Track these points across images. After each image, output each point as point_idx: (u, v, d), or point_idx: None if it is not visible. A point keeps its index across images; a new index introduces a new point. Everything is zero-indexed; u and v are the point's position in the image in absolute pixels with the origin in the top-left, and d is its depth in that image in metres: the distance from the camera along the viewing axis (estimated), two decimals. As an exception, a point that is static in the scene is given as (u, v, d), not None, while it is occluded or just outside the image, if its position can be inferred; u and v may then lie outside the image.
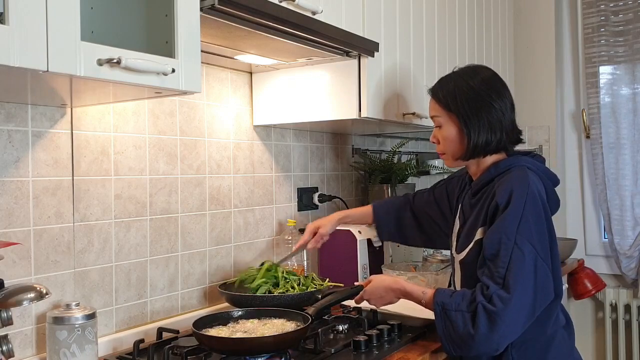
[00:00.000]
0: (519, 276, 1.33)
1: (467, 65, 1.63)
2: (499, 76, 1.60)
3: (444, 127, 1.56)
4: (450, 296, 1.40)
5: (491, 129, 1.51)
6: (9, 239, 1.35)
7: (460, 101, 1.52)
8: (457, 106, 1.53)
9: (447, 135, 1.56)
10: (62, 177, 1.49)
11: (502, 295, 1.31)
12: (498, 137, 1.52)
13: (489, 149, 1.53)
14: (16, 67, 0.94)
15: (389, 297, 1.58)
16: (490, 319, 1.31)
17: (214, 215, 1.93)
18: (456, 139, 1.54)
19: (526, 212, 1.38)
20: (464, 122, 1.52)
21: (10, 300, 1.13)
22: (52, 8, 0.99)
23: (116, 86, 1.20)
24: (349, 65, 1.90)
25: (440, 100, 1.57)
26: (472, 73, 1.57)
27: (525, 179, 1.43)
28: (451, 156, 1.59)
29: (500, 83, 1.57)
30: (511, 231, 1.37)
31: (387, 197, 2.29)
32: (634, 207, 3.09)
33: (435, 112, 1.59)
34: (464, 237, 1.55)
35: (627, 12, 3.08)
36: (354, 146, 2.69)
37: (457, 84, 1.55)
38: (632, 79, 3.10)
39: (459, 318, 1.35)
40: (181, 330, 1.62)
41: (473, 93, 1.52)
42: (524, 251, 1.35)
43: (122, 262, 1.64)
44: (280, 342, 1.38)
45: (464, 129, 1.52)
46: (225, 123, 1.98)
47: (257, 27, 1.48)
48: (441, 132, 1.58)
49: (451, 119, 1.54)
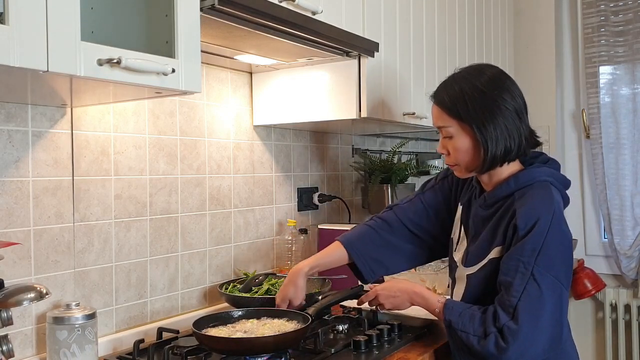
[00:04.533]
0: (531, 309, 1.26)
1: (469, 65, 1.46)
2: (506, 73, 1.44)
3: (456, 137, 1.38)
4: (459, 315, 1.35)
5: (509, 135, 1.35)
6: (9, 239, 1.35)
7: (472, 107, 1.35)
8: (468, 113, 1.35)
9: (460, 147, 1.39)
10: (62, 177, 1.49)
11: (510, 327, 1.26)
12: (517, 143, 1.36)
13: (509, 157, 1.38)
14: (16, 67, 0.94)
15: (402, 299, 1.50)
16: (499, 349, 1.27)
17: (214, 215, 1.93)
18: (471, 151, 1.38)
19: (548, 241, 1.29)
20: (479, 131, 1.35)
21: (10, 300, 1.13)
22: (52, 8, 0.99)
23: (116, 86, 1.20)
24: (349, 65, 1.90)
25: (448, 108, 1.38)
26: (477, 73, 1.40)
27: (550, 203, 1.33)
28: (465, 168, 1.43)
29: (509, 80, 1.41)
30: (529, 261, 1.28)
31: (352, 229, 1.73)
32: (634, 207, 3.09)
33: (442, 122, 1.40)
34: (475, 252, 1.44)
35: (627, 12, 3.08)
36: (354, 146, 2.69)
37: (463, 86, 1.37)
38: (632, 79, 3.09)
39: (464, 338, 1.33)
40: (181, 330, 1.62)
41: (483, 95, 1.35)
42: (541, 284, 1.27)
43: (122, 262, 1.64)
44: (280, 342, 1.38)
45: (480, 139, 1.35)
46: (225, 123, 1.98)
47: (257, 27, 1.48)
48: (452, 143, 1.40)
49: (463, 128, 1.37)
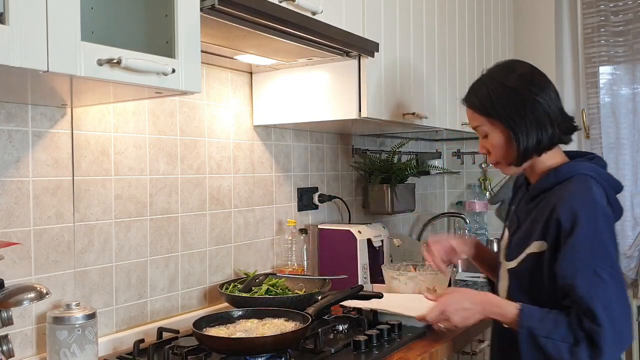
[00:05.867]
0: (605, 306, 1.26)
1: (496, 65, 1.51)
2: (536, 67, 1.49)
3: (490, 135, 1.46)
4: (540, 320, 1.31)
5: (539, 126, 1.40)
6: (9, 239, 1.35)
7: (500, 104, 1.42)
8: (497, 111, 1.43)
9: (496, 143, 1.46)
10: (62, 177, 1.49)
11: (596, 331, 1.24)
12: (550, 133, 1.41)
13: (542, 147, 1.42)
14: (16, 67, 0.94)
15: (473, 311, 1.41)
16: (593, 357, 1.25)
17: (214, 215, 1.93)
18: (505, 145, 1.44)
19: (599, 234, 1.31)
20: (509, 126, 1.41)
21: (11, 300, 1.13)
22: (52, 8, 0.99)
23: (116, 86, 1.20)
24: (349, 65, 1.90)
25: (478, 108, 1.47)
26: (506, 72, 1.47)
27: (589, 194, 1.35)
28: (505, 163, 1.48)
29: (539, 74, 1.46)
30: (585, 258, 1.29)
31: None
32: (634, 207, 3.09)
33: (476, 122, 1.49)
34: (515, 245, 1.47)
35: (627, 12, 3.08)
36: (354, 146, 2.69)
37: (491, 87, 1.45)
38: (632, 79, 3.09)
39: (550, 346, 1.28)
40: (181, 330, 1.62)
41: (512, 93, 1.42)
42: (604, 277, 1.27)
43: (122, 262, 1.64)
44: (280, 342, 1.38)
45: (511, 133, 1.42)
46: (225, 123, 1.98)
47: (257, 27, 1.48)
48: (488, 141, 1.48)
49: (495, 125, 1.44)
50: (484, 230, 3.28)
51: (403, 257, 2.59)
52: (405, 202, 2.68)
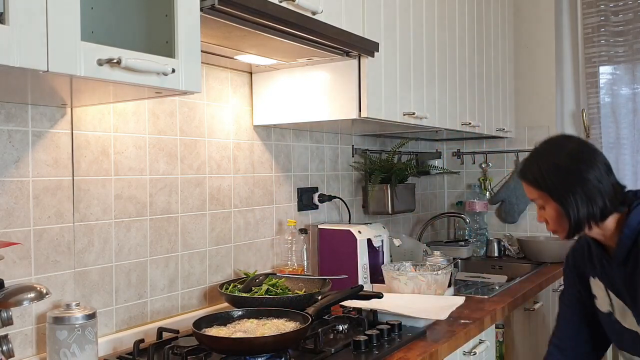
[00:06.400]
0: None
1: (547, 141, 1.62)
2: (585, 142, 1.60)
3: (546, 208, 1.57)
4: None
5: (590, 201, 1.50)
6: (9, 239, 1.35)
7: (552, 182, 1.53)
8: (549, 187, 1.53)
9: (550, 216, 1.57)
10: (62, 177, 1.49)
11: None
12: (601, 205, 1.50)
13: (595, 220, 1.52)
14: (16, 67, 0.94)
15: None
16: None
17: (214, 215, 1.93)
18: (559, 218, 1.55)
19: None
20: (559, 201, 1.52)
21: (10, 300, 1.13)
22: (52, 8, 0.99)
23: (116, 86, 1.20)
24: (349, 65, 1.90)
25: (532, 183, 1.58)
26: (556, 149, 1.57)
27: None
28: (562, 232, 1.58)
29: (588, 150, 1.56)
30: None
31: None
32: (634, 207, 3.08)
33: (532, 195, 1.60)
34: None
35: (627, 12, 3.08)
36: (354, 146, 2.69)
37: (542, 164, 1.55)
38: (632, 79, 3.10)
39: None
40: (181, 330, 1.62)
41: (562, 170, 1.52)
42: None
43: (122, 262, 1.64)
44: (280, 342, 1.38)
45: (562, 208, 1.52)
46: (225, 123, 1.98)
47: (257, 27, 1.48)
48: (545, 213, 1.59)
49: (548, 199, 1.55)
50: (484, 230, 3.28)
51: (403, 257, 2.59)
52: (405, 202, 2.68)
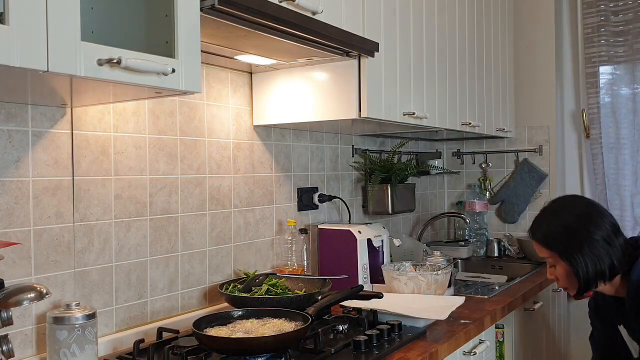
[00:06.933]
0: None
1: (556, 200, 1.69)
2: (593, 202, 1.65)
3: (556, 266, 1.63)
4: None
5: (598, 260, 1.55)
6: (9, 239, 1.35)
7: (560, 241, 1.58)
8: (558, 248, 1.59)
9: (560, 274, 1.63)
10: (62, 177, 1.49)
11: None
12: (608, 264, 1.56)
13: (604, 279, 1.57)
14: (16, 67, 0.94)
15: None
16: None
17: (214, 215, 1.93)
18: (569, 277, 1.60)
19: None
20: (568, 261, 1.58)
21: (10, 300, 1.13)
22: (52, 8, 0.99)
23: (116, 86, 1.20)
24: (349, 65, 1.90)
25: (542, 243, 1.64)
26: (565, 210, 1.63)
27: None
28: (574, 291, 1.63)
29: (596, 211, 1.61)
30: None
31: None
32: (634, 207, 3.09)
33: (542, 254, 1.66)
34: None
35: (627, 12, 3.08)
36: (354, 146, 2.69)
37: (551, 225, 1.61)
38: (632, 79, 3.09)
39: None
40: (181, 330, 1.62)
41: (570, 231, 1.57)
42: None
43: (122, 262, 1.64)
44: (280, 342, 1.38)
45: (571, 268, 1.58)
46: (225, 123, 1.98)
47: (257, 27, 1.48)
48: (556, 271, 1.64)
49: (557, 259, 1.61)
50: (484, 230, 3.28)
51: (403, 257, 2.59)
52: (405, 202, 2.68)
